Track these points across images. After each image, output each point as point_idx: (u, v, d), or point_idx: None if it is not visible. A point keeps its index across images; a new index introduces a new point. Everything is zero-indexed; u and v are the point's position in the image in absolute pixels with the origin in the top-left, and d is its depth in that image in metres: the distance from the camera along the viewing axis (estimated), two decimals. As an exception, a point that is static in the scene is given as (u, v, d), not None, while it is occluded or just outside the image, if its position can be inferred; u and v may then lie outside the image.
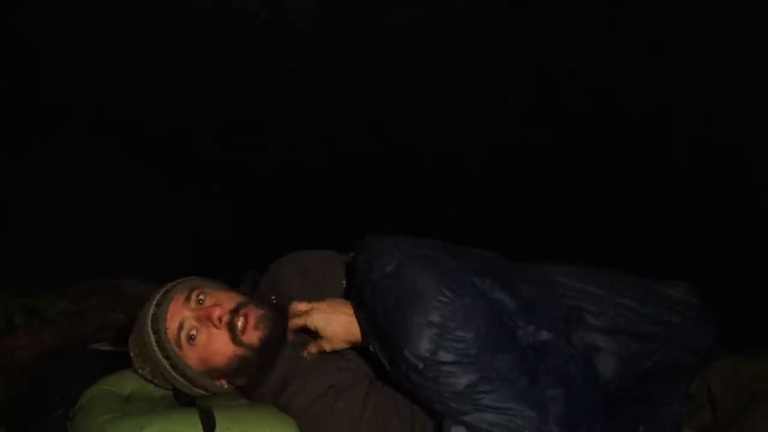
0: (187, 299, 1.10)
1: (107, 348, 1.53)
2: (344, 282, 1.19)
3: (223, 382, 1.13)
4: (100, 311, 1.66)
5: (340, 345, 1.08)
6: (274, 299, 1.16)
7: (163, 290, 1.14)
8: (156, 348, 1.09)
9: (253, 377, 1.12)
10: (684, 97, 1.44)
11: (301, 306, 1.10)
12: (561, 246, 1.49)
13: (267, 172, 1.73)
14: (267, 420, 1.02)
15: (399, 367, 0.98)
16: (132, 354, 1.14)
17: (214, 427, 0.97)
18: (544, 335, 1.06)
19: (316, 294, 1.15)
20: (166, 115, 1.61)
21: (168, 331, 1.09)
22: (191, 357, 1.10)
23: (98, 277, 1.74)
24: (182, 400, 1.11)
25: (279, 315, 1.12)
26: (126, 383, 1.16)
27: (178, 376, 1.10)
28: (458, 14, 1.45)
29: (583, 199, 1.63)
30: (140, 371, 1.14)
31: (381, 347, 1.02)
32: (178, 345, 1.09)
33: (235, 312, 1.09)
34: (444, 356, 0.95)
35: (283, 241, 1.30)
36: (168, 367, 1.10)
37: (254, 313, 1.09)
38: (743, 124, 1.42)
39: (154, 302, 1.12)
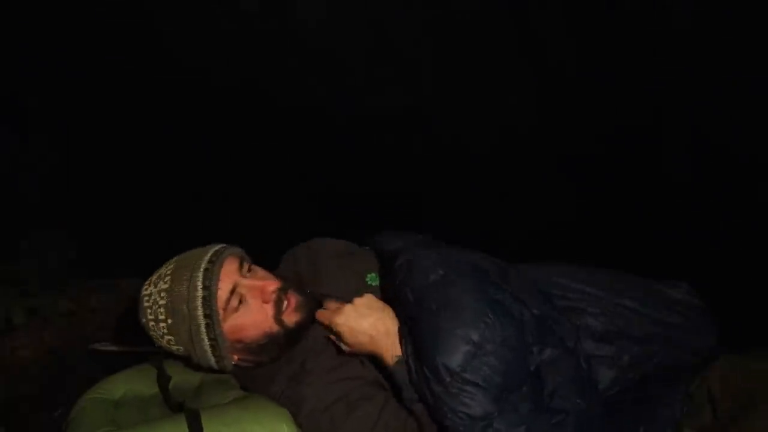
0: (240, 267, 1.11)
1: (107, 348, 1.54)
2: (372, 276, 1.20)
3: (237, 357, 1.13)
4: (100, 311, 1.66)
5: (360, 353, 1.09)
6: (307, 290, 1.17)
7: (214, 249, 1.12)
8: (200, 304, 1.06)
9: (267, 358, 1.13)
10: (684, 97, 1.44)
11: (331, 305, 1.11)
12: (561, 246, 1.49)
13: (267, 172, 1.73)
14: (256, 416, 1.02)
15: (425, 374, 0.99)
16: (149, 303, 1.10)
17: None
18: (548, 353, 1.07)
19: (341, 283, 1.17)
20: (167, 116, 1.61)
21: (220, 291, 1.07)
22: (228, 324, 1.09)
23: (98, 277, 1.74)
24: (171, 404, 1.10)
25: (313, 304, 1.13)
26: (116, 387, 1.16)
27: (206, 339, 1.08)
28: (458, 14, 1.45)
29: (583, 199, 1.63)
30: (152, 323, 1.10)
31: (413, 351, 1.02)
32: (224, 308, 1.07)
33: (283, 291, 1.10)
34: (470, 376, 0.97)
35: (284, 242, 1.30)
36: (203, 327, 1.07)
37: (296, 297, 1.12)
38: (743, 124, 1.42)
39: (207, 258, 1.09)
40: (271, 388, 1.11)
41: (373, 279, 1.19)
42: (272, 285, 1.10)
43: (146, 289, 1.12)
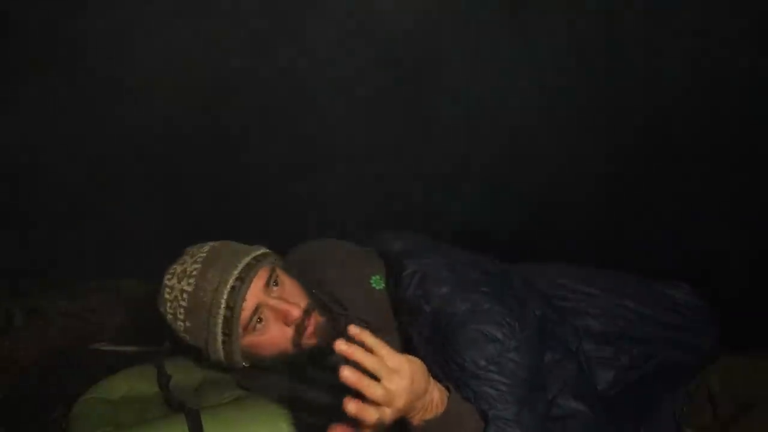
0: (267, 284, 1.08)
1: (107, 348, 1.53)
2: (377, 279, 1.18)
3: (247, 362, 1.13)
4: (100, 311, 1.65)
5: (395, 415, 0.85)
6: (314, 292, 1.14)
7: (245, 263, 1.08)
8: (221, 321, 1.06)
9: (276, 368, 1.12)
10: (683, 97, 1.44)
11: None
12: (561, 247, 1.49)
13: (268, 169, 1.73)
14: (256, 416, 1.02)
15: (454, 370, 1.00)
16: (170, 298, 1.08)
17: None
18: (549, 356, 1.07)
19: (344, 289, 1.14)
20: (164, 113, 1.61)
21: (243, 312, 1.05)
22: (246, 339, 1.08)
23: (98, 277, 1.74)
24: (172, 405, 1.10)
25: (333, 327, 1.09)
26: (116, 387, 1.16)
27: (221, 350, 1.08)
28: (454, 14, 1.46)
29: (583, 199, 1.63)
30: (169, 316, 1.09)
31: (438, 353, 1.02)
32: (245, 327, 1.06)
33: (306, 314, 1.07)
34: (497, 369, 0.98)
35: (286, 240, 1.30)
36: (220, 341, 1.07)
37: (317, 321, 1.08)
38: (741, 124, 1.42)
39: (236, 274, 1.06)
40: (272, 391, 1.11)
41: (377, 282, 1.17)
42: (297, 311, 1.06)
43: (169, 280, 1.09)
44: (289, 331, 1.07)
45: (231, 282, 1.05)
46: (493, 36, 1.47)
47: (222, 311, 1.05)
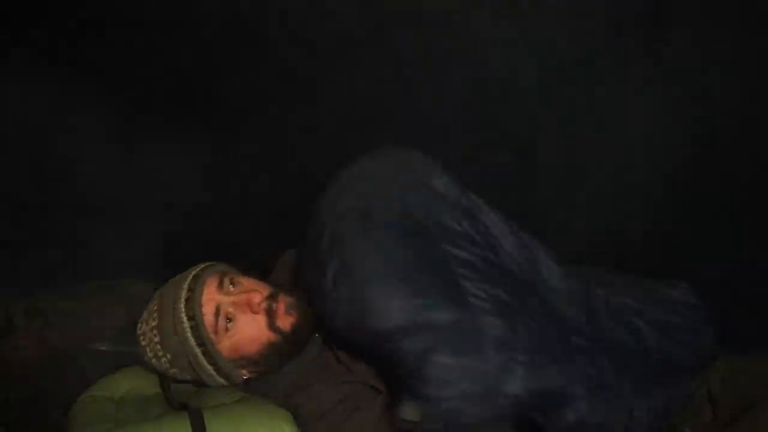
0: (221, 285, 1.09)
1: (107, 348, 1.53)
2: None
3: (244, 372, 1.13)
4: (100, 311, 1.65)
5: None
6: (278, 283, 1.16)
7: (192, 275, 1.11)
8: (190, 335, 1.07)
9: (274, 366, 1.12)
10: (681, 95, 1.44)
11: None
12: (560, 246, 1.49)
13: (263, 172, 1.73)
14: (258, 416, 1.03)
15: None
16: (145, 342, 1.11)
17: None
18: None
19: None
20: (166, 108, 1.61)
21: (205, 317, 1.06)
22: (224, 345, 1.08)
23: (98, 277, 1.74)
24: (173, 404, 1.10)
25: (305, 302, 1.11)
26: (118, 385, 1.16)
27: (207, 365, 1.09)
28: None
29: (582, 198, 1.63)
30: (154, 360, 1.12)
31: None
32: (215, 332, 1.07)
33: (271, 297, 1.08)
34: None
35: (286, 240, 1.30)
36: (200, 355, 1.08)
37: (285, 300, 1.09)
38: (739, 123, 1.42)
39: (185, 287, 1.08)
40: (271, 394, 1.11)
41: None
42: (258, 296, 1.08)
43: (140, 328, 1.14)
44: (261, 319, 1.08)
45: (184, 296, 1.08)
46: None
47: (186, 324, 1.07)
